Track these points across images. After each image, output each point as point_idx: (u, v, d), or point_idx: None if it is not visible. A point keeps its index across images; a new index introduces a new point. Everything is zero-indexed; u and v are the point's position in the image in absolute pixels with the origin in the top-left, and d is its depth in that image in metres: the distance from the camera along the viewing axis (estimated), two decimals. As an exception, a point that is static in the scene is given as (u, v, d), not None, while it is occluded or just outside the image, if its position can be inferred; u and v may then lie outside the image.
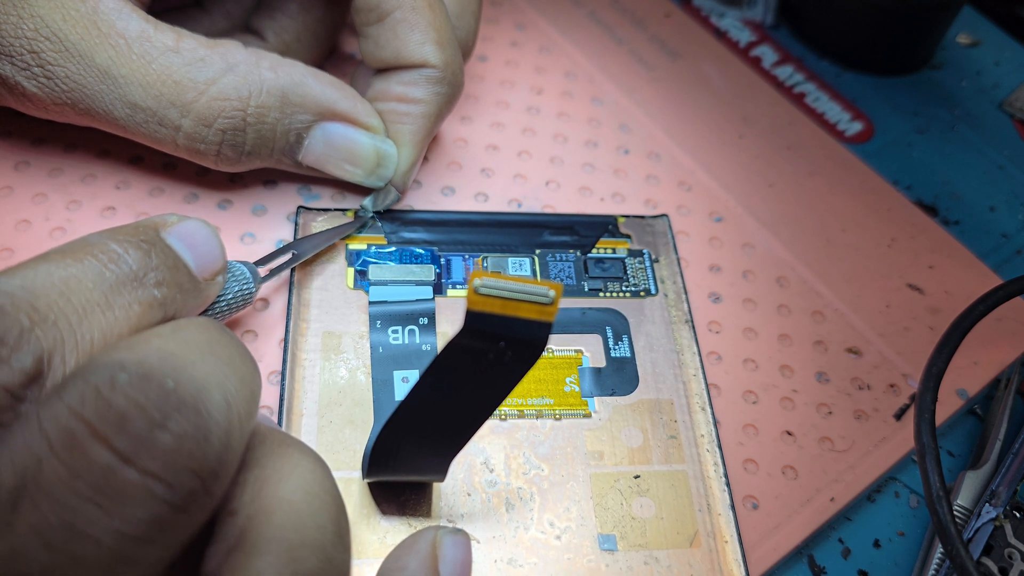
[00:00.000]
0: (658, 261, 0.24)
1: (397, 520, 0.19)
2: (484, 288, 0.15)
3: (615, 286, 0.24)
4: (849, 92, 0.32)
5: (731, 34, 0.33)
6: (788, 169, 0.28)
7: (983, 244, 0.28)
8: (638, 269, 0.24)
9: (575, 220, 0.25)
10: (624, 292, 0.24)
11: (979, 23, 0.35)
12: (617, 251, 0.25)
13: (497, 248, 0.24)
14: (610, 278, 0.24)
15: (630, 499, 0.20)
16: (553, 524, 0.20)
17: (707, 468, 0.21)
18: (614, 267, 0.24)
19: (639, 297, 0.24)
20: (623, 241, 0.25)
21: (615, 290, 0.24)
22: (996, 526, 0.22)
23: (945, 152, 0.30)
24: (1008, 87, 0.33)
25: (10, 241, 0.23)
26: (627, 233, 0.25)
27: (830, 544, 0.22)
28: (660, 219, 0.25)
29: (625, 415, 0.22)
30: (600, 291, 0.24)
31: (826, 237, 0.27)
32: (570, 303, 0.23)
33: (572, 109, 0.29)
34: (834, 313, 0.25)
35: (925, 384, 0.21)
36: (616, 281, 0.24)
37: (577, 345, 0.23)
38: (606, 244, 0.25)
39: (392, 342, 0.22)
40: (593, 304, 0.24)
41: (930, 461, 0.20)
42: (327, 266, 0.23)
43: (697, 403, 0.22)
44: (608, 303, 0.24)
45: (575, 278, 0.24)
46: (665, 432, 0.21)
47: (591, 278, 0.24)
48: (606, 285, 0.24)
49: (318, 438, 0.20)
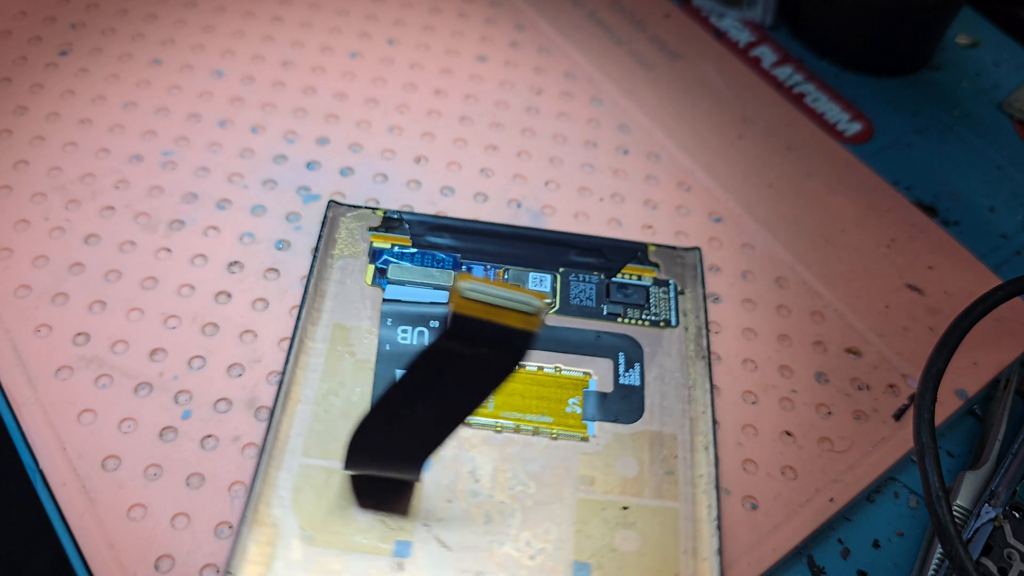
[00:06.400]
0: (683, 293, 0.24)
1: (371, 516, 0.19)
2: (470, 292, 0.15)
3: (635, 313, 0.24)
4: (849, 92, 0.32)
5: (731, 34, 0.33)
6: (787, 169, 0.28)
7: (982, 244, 0.28)
8: (661, 299, 0.24)
9: (604, 243, 0.25)
10: (643, 320, 0.23)
11: (978, 24, 0.35)
12: (643, 278, 0.24)
13: (521, 262, 0.24)
14: (631, 304, 0.24)
15: (614, 530, 0.20)
16: (530, 544, 0.20)
17: (700, 510, 0.20)
18: (637, 294, 0.24)
19: (658, 327, 0.23)
20: (650, 269, 0.24)
21: (635, 317, 0.23)
22: (995, 526, 0.21)
23: (944, 153, 0.30)
24: (1007, 88, 0.33)
25: (9, 241, 0.23)
26: (656, 262, 0.25)
27: (829, 544, 0.22)
28: (692, 251, 0.25)
29: (624, 444, 0.21)
30: (619, 316, 0.23)
31: (825, 237, 0.27)
32: (587, 324, 0.23)
33: (571, 109, 0.29)
34: (833, 313, 0.25)
35: (924, 384, 0.21)
36: (637, 308, 0.24)
37: (586, 367, 0.22)
38: (633, 270, 0.24)
39: (400, 340, 0.22)
40: (610, 328, 0.23)
41: (929, 461, 0.20)
42: (348, 261, 0.23)
43: (701, 442, 0.21)
44: (625, 329, 0.23)
45: (595, 300, 0.24)
46: (663, 467, 0.21)
47: (611, 302, 0.24)
48: (626, 311, 0.24)
49: (311, 425, 0.20)
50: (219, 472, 0.20)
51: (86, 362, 0.22)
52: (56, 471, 0.20)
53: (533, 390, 0.22)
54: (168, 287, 0.23)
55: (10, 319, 0.22)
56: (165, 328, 0.22)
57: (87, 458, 0.20)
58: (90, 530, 0.19)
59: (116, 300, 0.23)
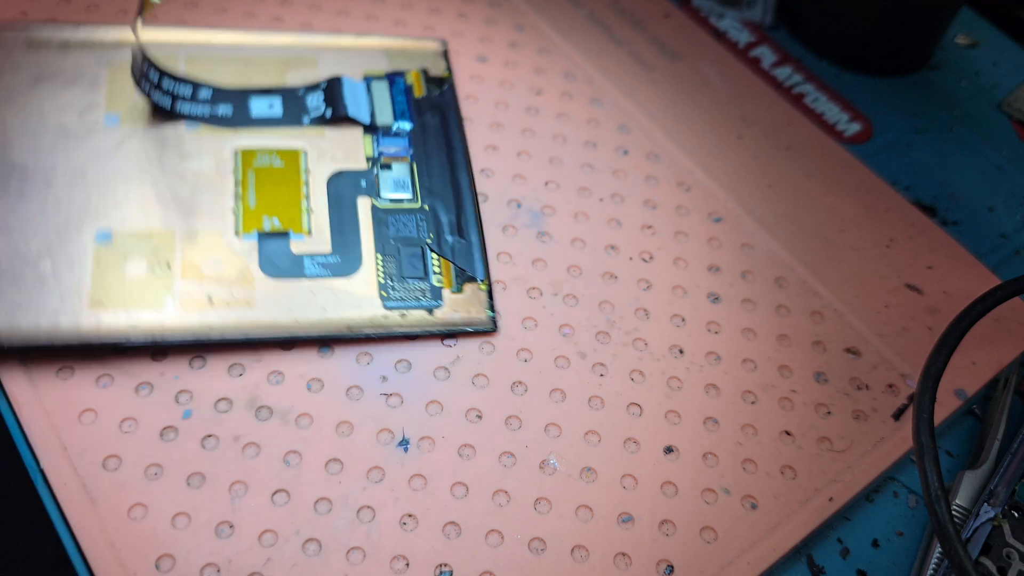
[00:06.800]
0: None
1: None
2: None
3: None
4: (848, 93, 0.32)
5: (730, 35, 0.33)
6: (787, 169, 0.28)
7: (981, 244, 0.28)
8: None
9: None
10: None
11: (978, 24, 0.35)
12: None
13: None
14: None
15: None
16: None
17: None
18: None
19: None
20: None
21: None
22: (994, 526, 0.22)
23: (944, 153, 0.30)
24: (1007, 88, 0.33)
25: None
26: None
27: (829, 544, 0.22)
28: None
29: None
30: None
31: (825, 237, 0.27)
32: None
33: (571, 110, 0.29)
34: (833, 313, 0.25)
35: (923, 384, 0.21)
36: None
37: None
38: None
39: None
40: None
41: (928, 461, 0.20)
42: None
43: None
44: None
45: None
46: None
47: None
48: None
49: None
50: (220, 472, 0.20)
51: (87, 361, 0.22)
52: (57, 471, 0.20)
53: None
54: (169, 287, 0.23)
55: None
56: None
57: (88, 458, 0.20)
58: (91, 529, 0.19)
59: (117, 300, 0.23)
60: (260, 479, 0.20)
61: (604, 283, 0.25)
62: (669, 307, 0.24)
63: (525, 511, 0.21)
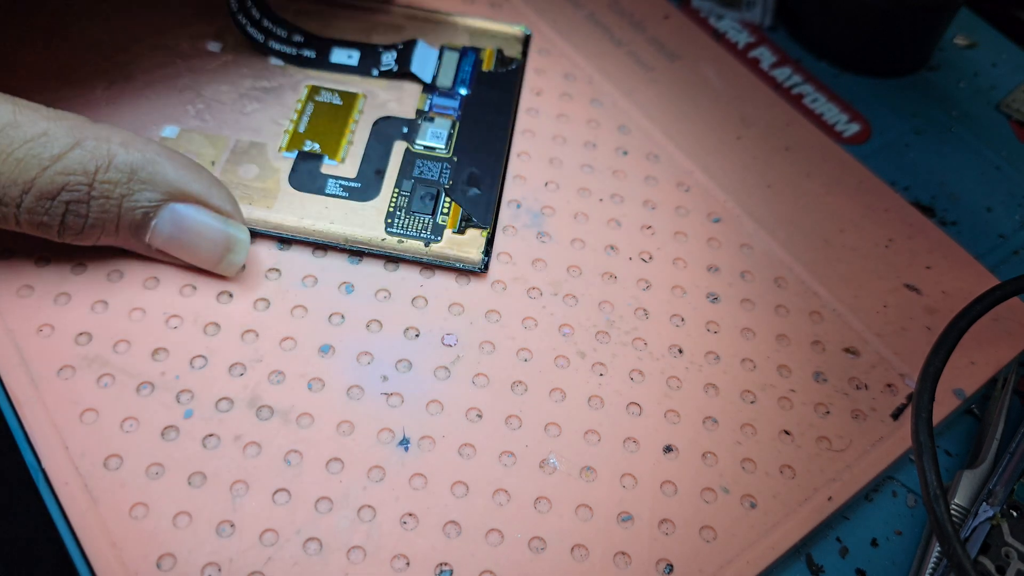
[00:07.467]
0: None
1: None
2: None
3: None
4: (847, 93, 0.32)
5: (729, 36, 0.33)
6: (786, 170, 0.28)
7: (980, 244, 0.28)
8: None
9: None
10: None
11: (976, 25, 0.35)
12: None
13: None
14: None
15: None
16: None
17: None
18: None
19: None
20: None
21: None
22: (993, 525, 0.22)
23: (942, 153, 0.31)
24: (1005, 88, 0.33)
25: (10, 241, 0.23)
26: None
27: (828, 543, 0.22)
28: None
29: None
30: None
31: (824, 238, 0.27)
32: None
33: (571, 110, 0.29)
34: (832, 313, 0.25)
35: (922, 384, 0.21)
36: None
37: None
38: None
39: None
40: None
41: (927, 460, 0.20)
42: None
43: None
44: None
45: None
46: None
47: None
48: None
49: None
50: (221, 471, 0.20)
51: (88, 361, 0.22)
52: (58, 470, 0.20)
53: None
54: (170, 286, 0.23)
55: (12, 319, 0.22)
56: (167, 327, 0.22)
57: (89, 457, 0.20)
58: (92, 529, 0.19)
59: (118, 300, 0.23)
60: (261, 478, 0.20)
61: (604, 283, 0.25)
62: (668, 307, 0.25)
63: (525, 510, 0.21)
